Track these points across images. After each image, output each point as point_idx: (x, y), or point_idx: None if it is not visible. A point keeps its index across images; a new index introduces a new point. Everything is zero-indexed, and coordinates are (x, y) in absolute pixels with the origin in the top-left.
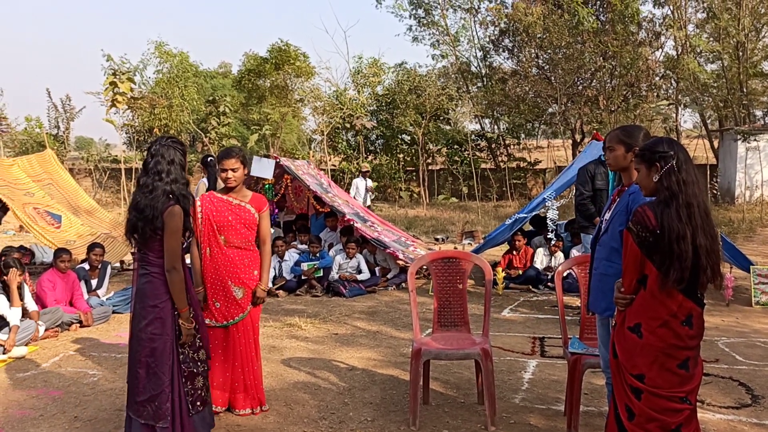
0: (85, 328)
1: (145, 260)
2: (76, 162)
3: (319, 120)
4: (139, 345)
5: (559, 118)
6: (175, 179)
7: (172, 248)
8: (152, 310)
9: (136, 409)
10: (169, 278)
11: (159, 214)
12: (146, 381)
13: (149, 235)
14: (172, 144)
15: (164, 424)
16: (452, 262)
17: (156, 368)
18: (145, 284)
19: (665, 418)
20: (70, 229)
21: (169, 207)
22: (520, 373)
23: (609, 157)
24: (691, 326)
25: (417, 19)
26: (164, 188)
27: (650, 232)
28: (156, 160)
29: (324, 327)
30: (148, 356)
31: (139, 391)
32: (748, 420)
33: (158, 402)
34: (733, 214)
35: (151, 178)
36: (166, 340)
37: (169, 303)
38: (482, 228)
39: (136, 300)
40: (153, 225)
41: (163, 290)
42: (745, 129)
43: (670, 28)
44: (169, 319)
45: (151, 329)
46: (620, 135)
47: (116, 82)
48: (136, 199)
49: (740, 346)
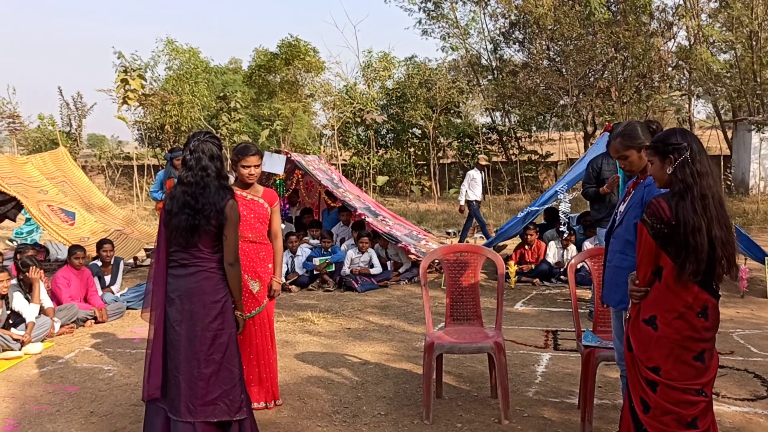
0: (100, 324)
1: (196, 256)
2: (89, 159)
3: (329, 115)
4: (201, 344)
5: (571, 110)
6: (219, 173)
7: (233, 242)
8: (215, 305)
9: (204, 410)
10: (231, 272)
11: (222, 209)
12: (215, 378)
13: (204, 230)
14: (210, 139)
15: (242, 416)
16: (464, 256)
17: (225, 363)
18: (201, 281)
19: (681, 410)
20: (84, 226)
21: (229, 201)
22: (534, 366)
23: (624, 165)
24: (707, 318)
25: (426, 12)
26: (215, 184)
27: (665, 223)
28: (198, 156)
29: (336, 321)
30: (215, 353)
31: (207, 391)
32: (763, 412)
33: (233, 396)
34: (747, 205)
35: (200, 175)
36: (231, 333)
37: (229, 296)
38: (494, 221)
39: (186, 299)
40: (217, 221)
41: (222, 285)
42: (759, 119)
43: (682, 18)
44: (230, 312)
45: (215, 325)
46: (623, 142)
47: (127, 80)
48: (186, 199)
49: (755, 337)
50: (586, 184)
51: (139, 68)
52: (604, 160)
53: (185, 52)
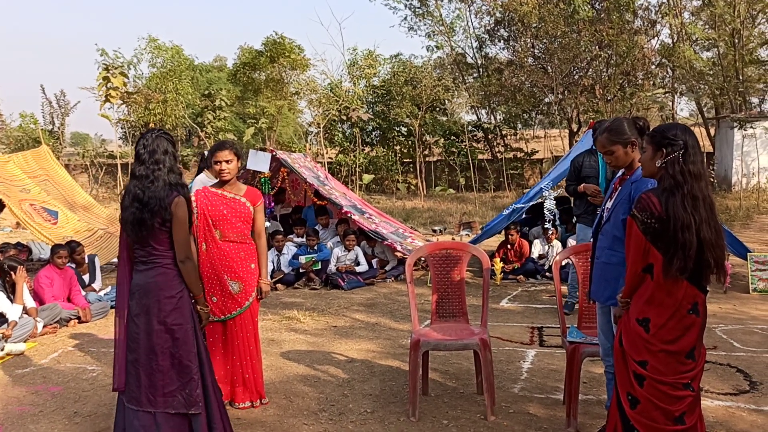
0: (84, 323)
1: (152, 254)
2: (72, 158)
3: (315, 113)
4: (157, 338)
5: (556, 107)
6: (172, 169)
7: (183, 239)
8: (169, 301)
9: (164, 401)
10: (184, 269)
11: (167, 206)
12: (172, 372)
13: (156, 228)
14: (163, 135)
15: (197, 410)
16: (450, 253)
17: (182, 357)
18: (156, 277)
19: (668, 406)
20: (67, 225)
21: (176, 198)
22: (519, 362)
23: (610, 160)
24: (697, 314)
25: (412, 10)
26: (164, 179)
27: (656, 218)
28: (151, 150)
29: (323, 319)
30: (171, 348)
31: (164, 383)
32: (746, 406)
33: (189, 389)
34: (730, 202)
35: (150, 168)
36: (187, 329)
37: (186, 292)
38: (480, 219)
39: (143, 294)
40: (161, 217)
41: (178, 281)
42: (741, 116)
43: (665, 16)
44: (186, 307)
45: (170, 320)
46: (610, 137)
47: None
48: (136, 192)
49: (738, 332)
50: (568, 181)
51: (122, 66)
52: (585, 158)
53: (168, 50)
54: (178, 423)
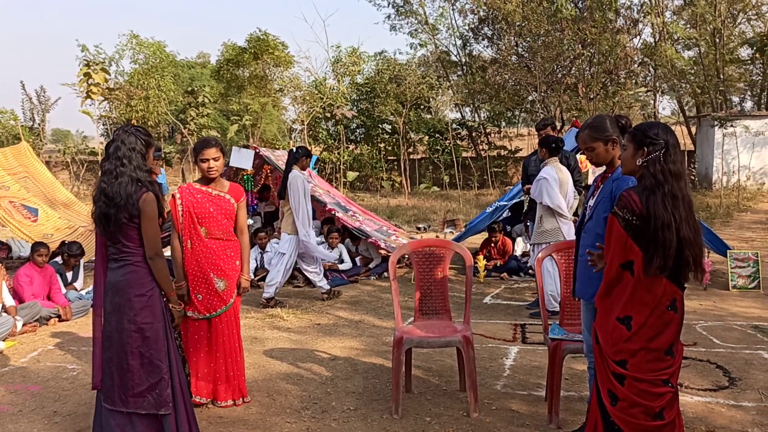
0: (64, 322)
1: (122, 251)
2: (53, 154)
3: (299, 110)
4: (128, 337)
5: (539, 105)
6: (139, 166)
7: (152, 235)
8: (140, 299)
9: (134, 401)
10: (153, 266)
11: (134, 202)
12: (142, 372)
13: (124, 224)
14: (134, 131)
15: (167, 411)
16: (433, 251)
17: (152, 357)
18: (126, 275)
19: (648, 402)
20: (47, 223)
21: (143, 194)
22: (502, 359)
23: (591, 157)
24: (676, 310)
25: (396, 8)
26: (131, 175)
27: (637, 216)
28: (116, 146)
29: (306, 317)
30: (141, 347)
31: (134, 384)
32: (725, 402)
33: (159, 389)
34: (711, 200)
35: (114, 164)
36: (158, 327)
37: (157, 290)
38: (464, 216)
39: (115, 292)
40: (128, 213)
41: (149, 278)
42: (721, 115)
43: (647, 15)
44: (158, 306)
45: (140, 319)
46: (591, 134)
47: (90, 73)
48: (103, 187)
49: (717, 329)
50: (522, 182)
51: (103, 62)
52: (531, 158)
53: (150, 46)
54: (151, 423)
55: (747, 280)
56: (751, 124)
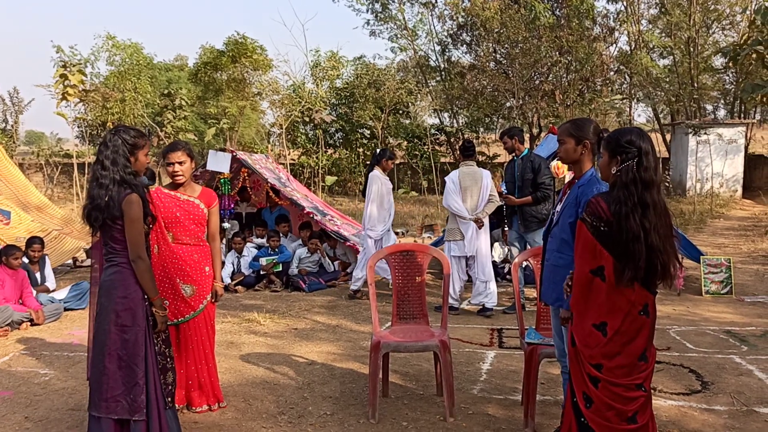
0: (37, 326)
1: (110, 252)
2: (27, 157)
3: (277, 113)
4: (107, 338)
5: (517, 112)
6: (124, 166)
7: (133, 237)
8: (122, 301)
9: (107, 406)
10: (136, 268)
11: (116, 204)
12: (118, 375)
13: (109, 226)
14: (121, 132)
15: (140, 417)
16: (411, 255)
17: (128, 361)
18: (112, 275)
19: (621, 406)
20: (20, 226)
21: (126, 195)
22: (479, 364)
23: (560, 151)
24: (648, 315)
25: (374, 14)
26: (113, 177)
27: (604, 222)
28: (99, 149)
29: (283, 322)
30: (119, 349)
31: (109, 387)
32: (698, 406)
33: (133, 395)
34: (685, 206)
35: (97, 165)
36: (137, 331)
37: (139, 293)
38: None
39: (102, 293)
40: (110, 214)
41: (132, 280)
42: (695, 123)
43: (623, 24)
44: (139, 309)
45: (120, 321)
46: (570, 128)
47: (67, 75)
48: (89, 188)
49: (691, 334)
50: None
51: (79, 63)
52: (507, 164)
53: (127, 47)
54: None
55: (720, 286)
56: (724, 132)
